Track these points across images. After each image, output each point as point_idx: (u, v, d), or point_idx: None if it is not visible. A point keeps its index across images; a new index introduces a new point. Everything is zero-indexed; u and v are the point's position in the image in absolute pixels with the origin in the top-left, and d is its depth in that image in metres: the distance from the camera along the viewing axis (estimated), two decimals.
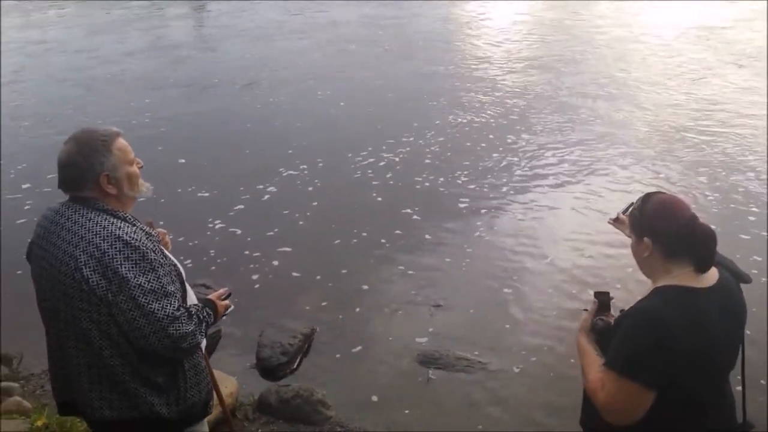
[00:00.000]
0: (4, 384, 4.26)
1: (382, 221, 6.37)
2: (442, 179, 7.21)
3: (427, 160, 7.72)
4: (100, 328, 2.04)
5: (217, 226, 6.38)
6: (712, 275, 1.94)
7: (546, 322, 4.87)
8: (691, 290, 1.88)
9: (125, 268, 2.00)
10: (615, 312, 2.08)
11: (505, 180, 7.20)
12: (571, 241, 5.95)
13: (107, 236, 2.03)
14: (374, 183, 7.20)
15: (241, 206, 6.79)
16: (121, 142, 2.17)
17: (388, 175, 7.35)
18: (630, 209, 2.27)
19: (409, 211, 6.51)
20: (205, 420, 2.40)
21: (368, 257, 5.84)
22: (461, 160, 7.69)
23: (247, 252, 5.96)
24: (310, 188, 7.14)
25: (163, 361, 2.14)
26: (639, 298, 1.96)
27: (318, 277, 5.54)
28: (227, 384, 3.92)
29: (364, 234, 6.15)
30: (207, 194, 7.08)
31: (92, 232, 2.04)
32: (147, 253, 2.04)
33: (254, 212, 6.69)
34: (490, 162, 7.65)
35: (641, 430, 1.88)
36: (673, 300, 1.86)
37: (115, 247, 2.01)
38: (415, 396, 4.21)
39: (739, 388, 2.09)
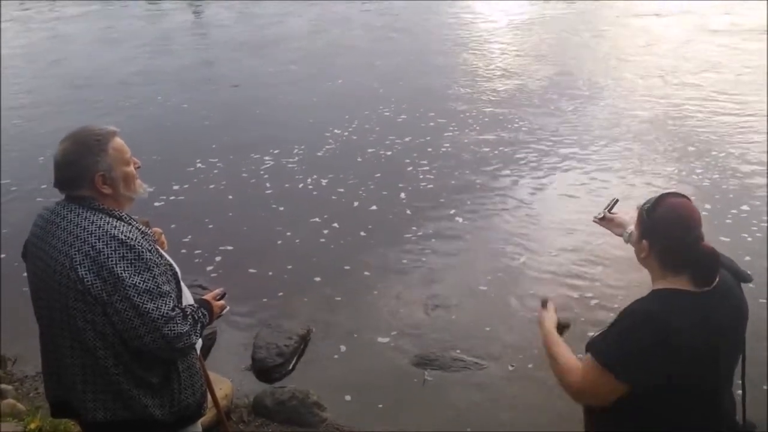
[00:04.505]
0: None
1: (308, 221, 6.38)
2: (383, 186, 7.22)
3: (325, 155, 7.87)
4: (95, 328, 2.03)
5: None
6: None
7: (529, 320, 4.81)
8: (691, 293, 1.87)
9: (120, 267, 1.99)
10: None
11: (483, 175, 7.21)
12: (556, 239, 5.92)
13: (102, 235, 2.02)
14: (309, 179, 7.22)
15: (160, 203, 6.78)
16: (118, 141, 2.16)
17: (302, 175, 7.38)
18: (613, 206, 2.41)
19: (317, 220, 6.38)
20: (199, 422, 2.39)
21: (312, 256, 5.78)
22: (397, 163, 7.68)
23: (184, 251, 5.76)
24: (212, 186, 7.20)
25: (158, 362, 2.13)
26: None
27: (270, 273, 5.54)
28: (222, 386, 3.90)
29: (303, 232, 6.16)
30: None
31: (87, 231, 2.03)
32: (142, 252, 2.03)
33: (170, 212, 6.62)
34: (461, 162, 7.63)
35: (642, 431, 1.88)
36: (673, 302, 1.85)
37: (111, 247, 2.00)
38: (411, 398, 4.20)
39: (739, 390, 2.08)
